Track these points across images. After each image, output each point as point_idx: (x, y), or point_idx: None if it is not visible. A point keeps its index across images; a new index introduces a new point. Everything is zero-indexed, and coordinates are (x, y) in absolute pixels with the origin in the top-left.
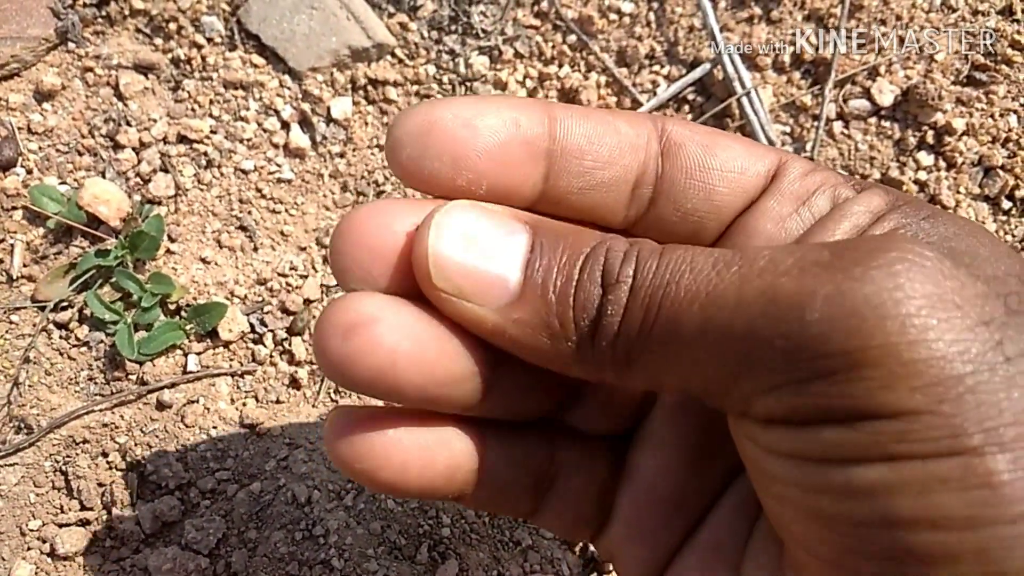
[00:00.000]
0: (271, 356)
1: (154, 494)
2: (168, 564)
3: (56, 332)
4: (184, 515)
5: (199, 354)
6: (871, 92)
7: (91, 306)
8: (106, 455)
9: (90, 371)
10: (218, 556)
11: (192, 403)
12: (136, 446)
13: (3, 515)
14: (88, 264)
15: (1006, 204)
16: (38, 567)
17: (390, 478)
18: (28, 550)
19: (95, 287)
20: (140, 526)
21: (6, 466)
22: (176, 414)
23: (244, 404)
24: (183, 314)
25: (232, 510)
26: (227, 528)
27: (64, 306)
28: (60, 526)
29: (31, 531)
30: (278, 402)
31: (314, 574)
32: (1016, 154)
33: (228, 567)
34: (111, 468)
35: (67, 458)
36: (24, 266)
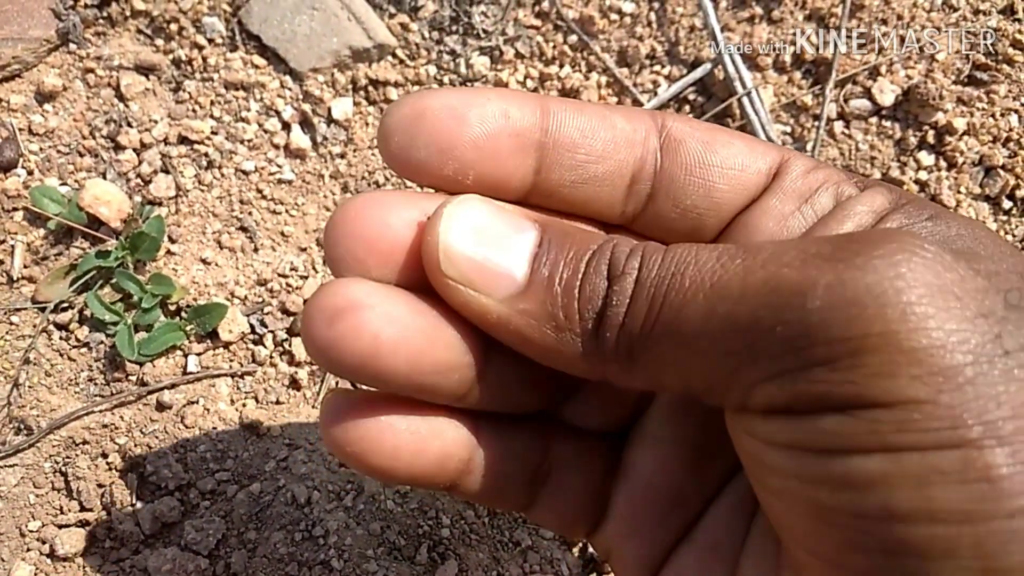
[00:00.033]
0: (271, 357)
1: (154, 495)
2: (168, 565)
3: (56, 333)
4: (184, 516)
5: (199, 355)
6: (872, 92)
7: (91, 307)
8: (106, 456)
9: (90, 372)
10: (218, 557)
11: (192, 404)
12: (136, 447)
13: (3, 516)
14: (88, 265)
15: (1007, 204)
16: (38, 568)
17: (381, 463)
18: (28, 551)
19: (95, 288)
20: (140, 527)
21: (6, 467)
22: (176, 415)
23: (244, 405)
24: (183, 315)
25: (232, 511)
26: (227, 529)
27: (64, 307)
28: (60, 527)
29: (31, 532)
30: (278, 403)
31: (314, 575)
32: (1017, 154)
33: (228, 568)
34: (111, 469)
35: (67, 459)
36: (25, 267)
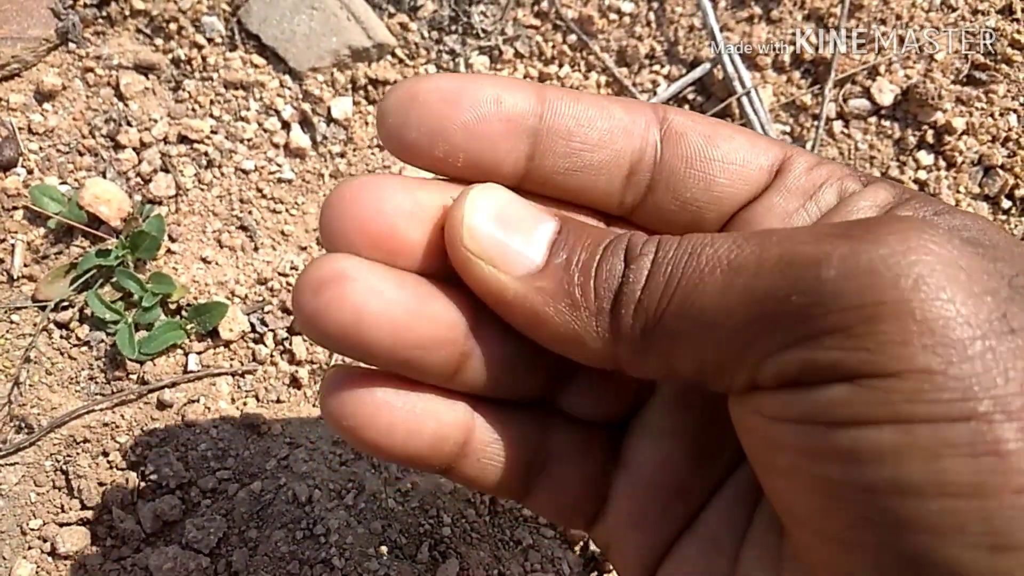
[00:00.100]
0: (272, 356)
1: (155, 493)
2: (169, 563)
3: (57, 332)
4: (185, 514)
5: (200, 354)
6: (871, 91)
7: (92, 306)
8: (107, 454)
9: (91, 371)
10: (219, 555)
11: (193, 402)
12: (137, 445)
13: (4, 514)
14: (89, 264)
15: (1006, 203)
16: (39, 566)
17: (374, 438)
18: (29, 549)
19: (96, 287)
20: (141, 525)
21: (7, 465)
22: (177, 413)
23: (245, 403)
24: (184, 314)
25: (233, 509)
26: (228, 527)
27: (65, 306)
28: (61, 525)
29: (32, 530)
30: (279, 401)
31: (315, 573)
32: (1016, 153)
33: (229, 566)
34: (112, 467)
35: (68, 457)
36: (25, 266)
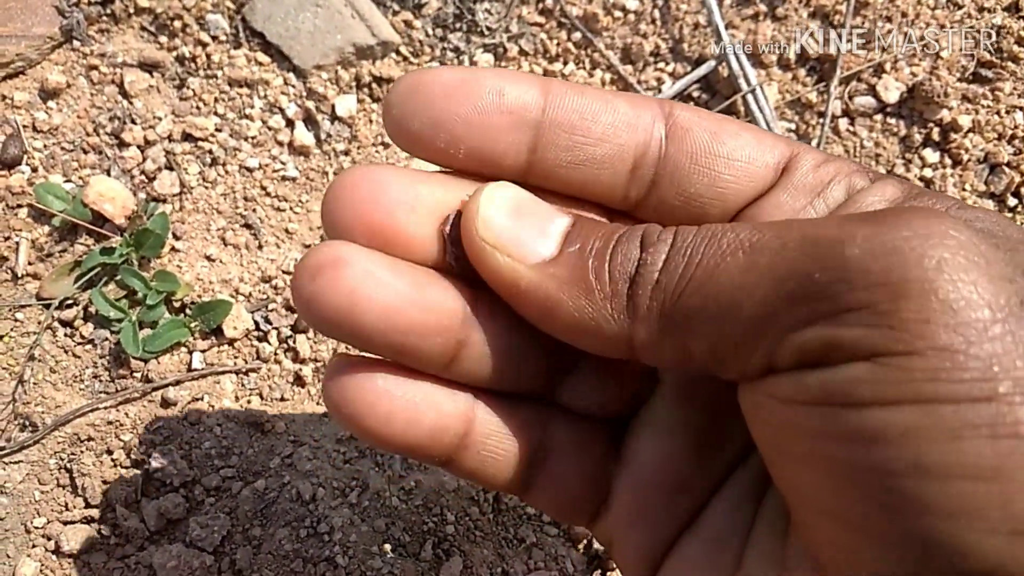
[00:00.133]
0: (276, 354)
1: (159, 491)
2: (173, 562)
3: (61, 330)
4: (189, 512)
5: (204, 352)
6: (877, 89)
7: (96, 304)
8: (111, 452)
9: (95, 369)
10: (223, 553)
11: (197, 401)
12: (141, 444)
13: (8, 512)
14: (93, 262)
15: (1012, 201)
16: (43, 564)
17: (374, 427)
18: (33, 547)
19: (100, 285)
20: (145, 523)
21: (11, 464)
22: (181, 412)
23: (249, 402)
24: (188, 312)
25: (237, 507)
26: (232, 525)
27: (69, 304)
28: (65, 523)
29: (36, 528)
30: (283, 399)
31: (318, 571)
32: (1022, 151)
33: (233, 564)
34: (116, 466)
35: (72, 456)
36: (29, 264)
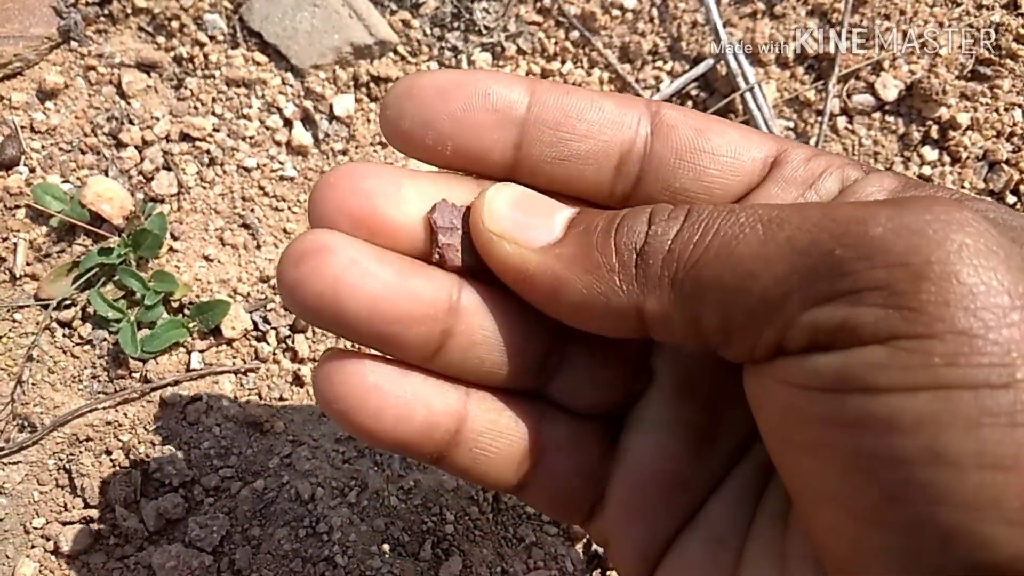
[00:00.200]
0: (274, 354)
1: (158, 492)
2: (172, 562)
3: (59, 330)
4: (188, 513)
5: (202, 352)
6: (875, 87)
7: (94, 304)
8: (109, 453)
9: (93, 369)
10: (222, 553)
11: (195, 401)
12: (139, 444)
13: (7, 513)
14: (91, 262)
15: (1011, 199)
16: (42, 565)
17: (364, 423)
18: (32, 548)
19: (98, 285)
20: (144, 524)
21: (10, 464)
22: (179, 412)
23: (247, 402)
24: (186, 312)
25: (236, 507)
26: (231, 525)
27: (67, 304)
28: (64, 524)
29: (35, 529)
30: (281, 399)
31: (318, 571)
32: (1021, 149)
33: (232, 564)
34: (115, 466)
35: (71, 456)
36: (27, 264)
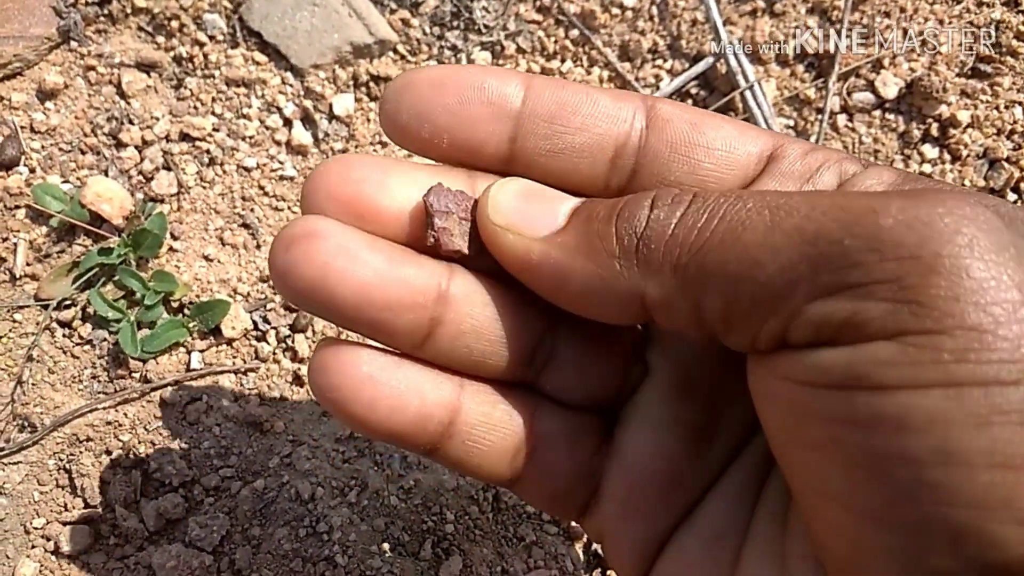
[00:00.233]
0: (274, 353)
1: (158, 492)
2: (172, 561)
3: (59, 330)
4: (188, 512)
5: (202, 352)
6: (875, 85)
7: (94, 304)
8: (110, 453)
9: (93, 369)
10: (222, 553)
11: (195, 401)
12: (139, 444)
13: (7, 513)
14: (91, 262)
15: (1011, 196)
16: (43, 565)
17: (358, 413)
18: (32, 548)
19: (98, 285)
20: (144, 524)
21: (10, 464)
22: (179, 412)
23: (247, 401)
24: (186, 312)
25: (236, 507)
26: (231, 525)
27: (67, 304)
28: (64, 524)
29: (35, 529)
30: (281, 399)
31: (318, 571)
32: (1021, 146)
33: (232, 564)
34: (115, 466)
35: (71, 456)
36: (27, 265)
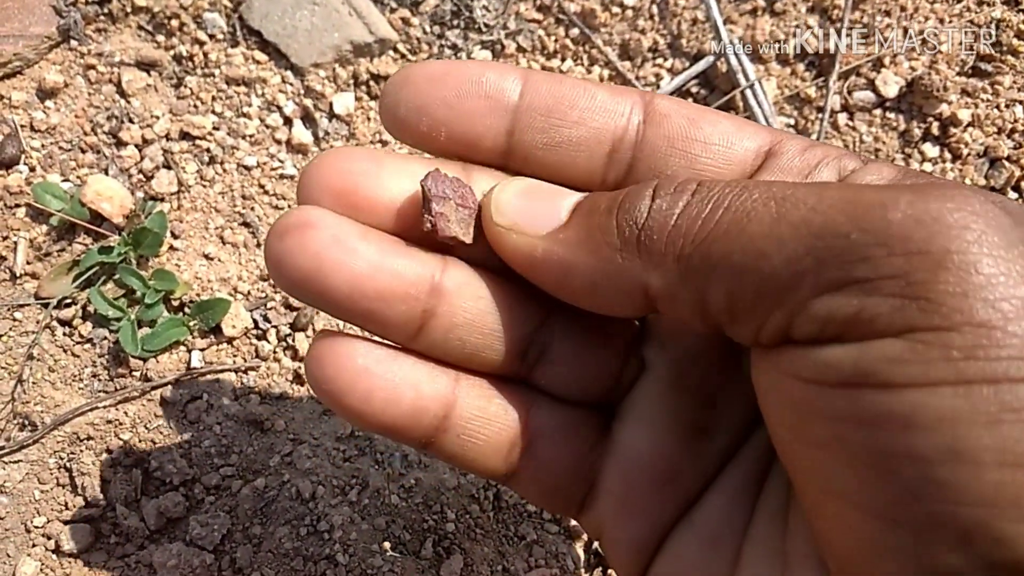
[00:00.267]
0: (275, 352)
1: (158, 490)
2: (173, 560)
3: (60, 329)
4: (189, 511)
5: (203, 350)
6: (876, 84)
7: (94, 303)
8: (110, 451)
9: (94, 368)
10: (223, 552)
11: (196, 399)
12: (140, 442)
13: (8, 512)
14: (91, 261)
15: (1012, 195)
16: (43, 564)
17: (353, 404)
18: (33, 547)
19: (98, 284)
20: (145, 522)
21: (11, 463)
22: (180, 410)
23: (248, 400)
24: (186, 310)
25: (237, 506)
26: (232, 524)
27: (68, 303)
28: (65, 523)
29: (36, 528)
30: (282, 398)
31: (319, 569)
32: (1022, 145)
33: (233, 563)
34: (115, 464)
35: (71, 455)
36: (27, 263)
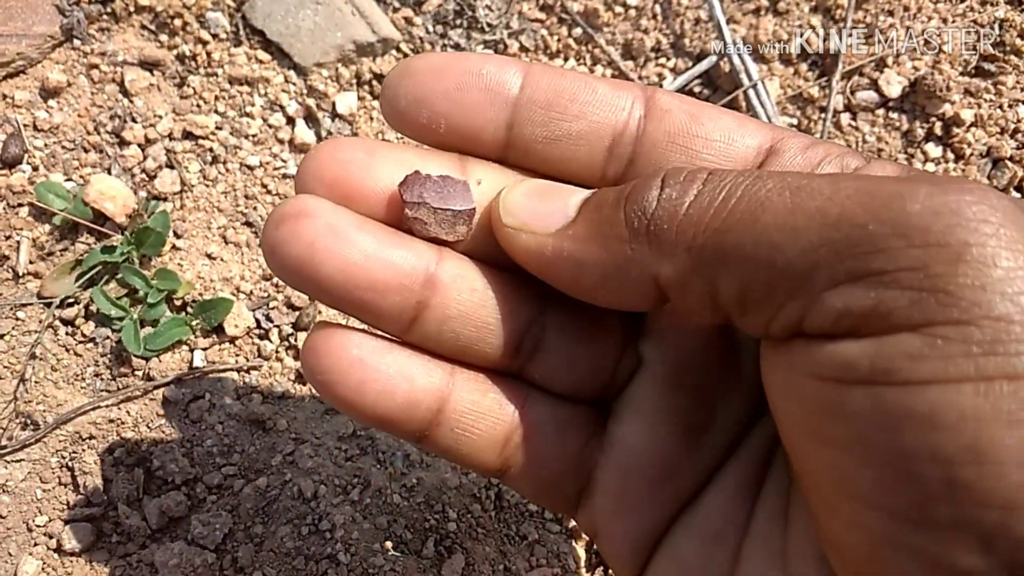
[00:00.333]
0: (277, 351)
1: (160, 490)
2: (175, 559)
3: (62, 328)
4: (190, 510)
5: (205, 350)
6: (879, 83)
7: (97, 302)
8: (112, 451)
9: (96, 367)
10: (225, 551)
11: (198, 399)
12: (142, 441)
13: (10, 511)
14: (94, 260)
15: (1015, 195)
16: (45, 563)
17: (346, 395)
18: (35, 546)
19: (101, 283)
20: (146, 521)
21: (13, 462)
22: (182, 410)
23: (250, 399)
24: (189, 310)
25: (238, 505)
26: (233, 523)
27: (70, 302)
28: (66, 522)
29: (38, 527)
30: (284, 397)
31: (320, 568)
32: None
33: (235, 562)
34: (117, 464)
35: (73, 454)
36: (30, 263)
